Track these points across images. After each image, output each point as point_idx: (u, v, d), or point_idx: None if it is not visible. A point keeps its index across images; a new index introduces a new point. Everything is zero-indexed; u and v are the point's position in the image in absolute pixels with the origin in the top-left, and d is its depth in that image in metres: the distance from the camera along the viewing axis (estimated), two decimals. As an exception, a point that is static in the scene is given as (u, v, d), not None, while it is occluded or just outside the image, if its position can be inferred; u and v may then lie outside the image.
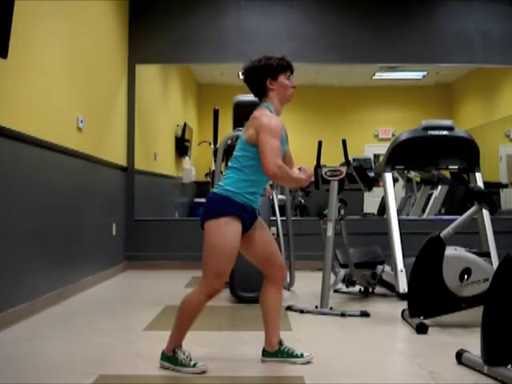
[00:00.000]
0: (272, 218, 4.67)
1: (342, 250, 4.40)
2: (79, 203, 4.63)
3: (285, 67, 2.54)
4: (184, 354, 2.48)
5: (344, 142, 4.56)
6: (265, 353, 2.65)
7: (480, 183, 4.57)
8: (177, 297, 4.28)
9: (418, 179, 6.90)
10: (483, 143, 5.28)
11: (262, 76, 2.51)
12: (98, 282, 5.04)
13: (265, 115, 2.45)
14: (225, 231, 2.41)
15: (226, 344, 3.01)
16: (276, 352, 2.63)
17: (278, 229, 4.73)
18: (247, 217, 2.49)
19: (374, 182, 4.90)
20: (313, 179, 2.46)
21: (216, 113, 5.29)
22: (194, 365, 2.46)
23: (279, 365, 2.60)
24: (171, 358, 2.50)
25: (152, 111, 7.10)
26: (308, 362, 2.60)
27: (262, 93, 2.54)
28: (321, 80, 8.44)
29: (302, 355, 2.63)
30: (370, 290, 4.47)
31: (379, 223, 5.72)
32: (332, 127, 8.41)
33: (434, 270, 3.28)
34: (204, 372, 2.45)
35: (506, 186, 7.67)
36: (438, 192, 6.45)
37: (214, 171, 5.66)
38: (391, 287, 4.39)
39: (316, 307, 3.81)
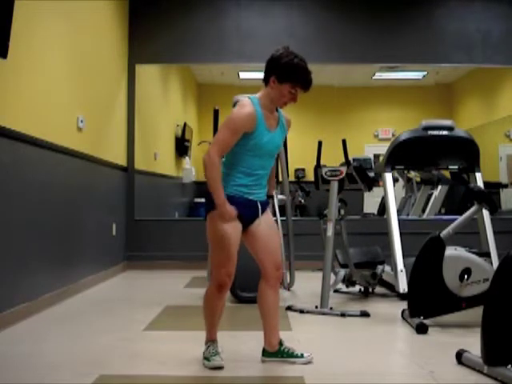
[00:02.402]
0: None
1: (341, 250, 4.40)
2: (79, 203, 4.63)
3: (296, 82, 2.49)
4: (210, 350, 2.58)
5: (344, 141, 4.58)
6: (265, 353, 2.65)
7: (480, 183, 4.56)
8: (177, 297, 4.25)
9: (418, 179, 6.90)
10: (483, 143, 5.27)
11: (270, 70, 2.52)
12: (98, 282, 5.04)
13: (238, 105, 2.48)
14: (215, 223, 2.47)
15: (226, 344, 3.00)
16: (276, 352, 2.63)
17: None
18: (245, 212, 2.50)
19: (374, 181, 4.89)
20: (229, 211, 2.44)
21: (216, 113, 5.28)
22: (210, 359, 2.55)
23: (279, 365, 2.60)
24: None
25: (152, 111, 7.10)
26: (308, 362, 2.60)
27: (265, 82, 2.54)
28: (321, 80, 8.38)
29: (301, 355, 2.63)
30: (370, 289, 4.47)
31: (379, 223, 5.72)
32: (332, 127, 8.40)
33: (434, 270, 3.28)
34: (220, 367, 2.51)
35: (506, 186, 7.67)
36: (438, 192, 6.45)
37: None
38: (391, 287, 4.39)
39: (316, 307, 3.81)
